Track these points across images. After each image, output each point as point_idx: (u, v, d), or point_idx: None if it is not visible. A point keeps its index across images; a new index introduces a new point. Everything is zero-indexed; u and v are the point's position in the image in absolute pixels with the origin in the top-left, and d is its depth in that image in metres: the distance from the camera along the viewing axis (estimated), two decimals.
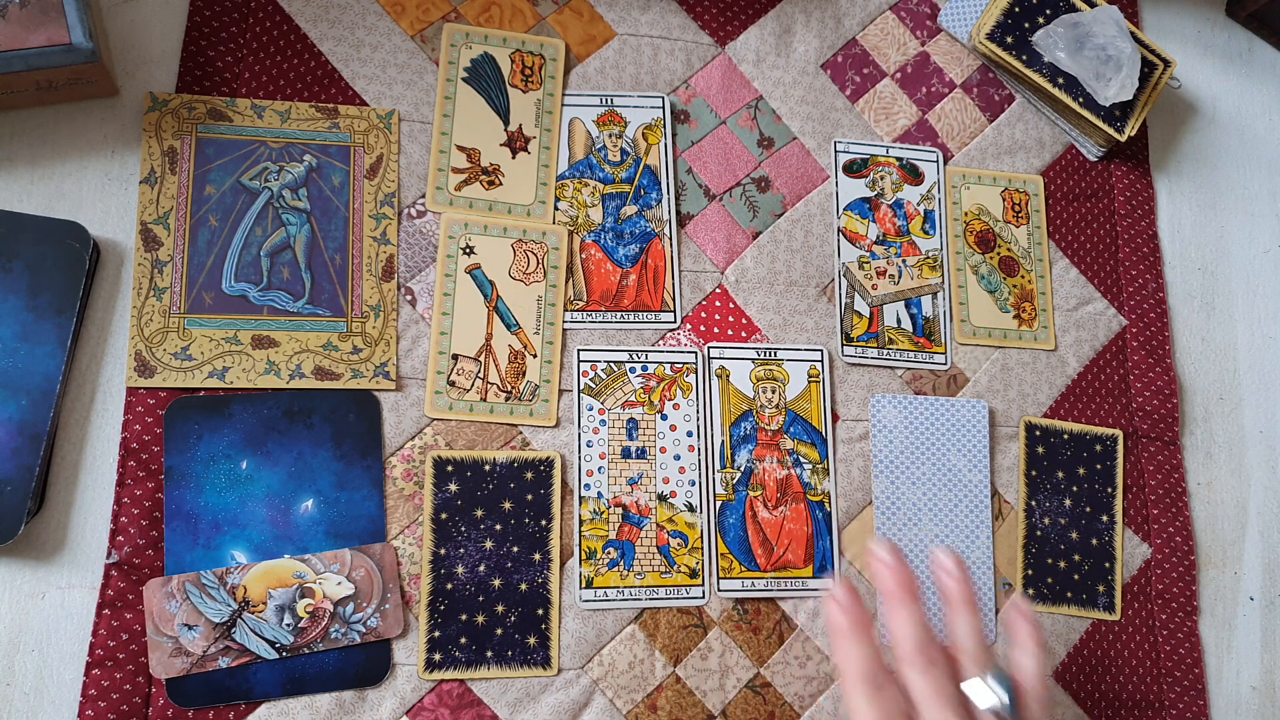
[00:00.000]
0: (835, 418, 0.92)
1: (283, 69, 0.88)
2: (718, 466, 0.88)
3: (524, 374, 0.87)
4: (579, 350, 0.89)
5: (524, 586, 0.83)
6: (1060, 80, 1.02)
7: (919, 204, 0.99)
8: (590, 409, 0.88)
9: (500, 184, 0.90)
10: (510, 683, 0.81)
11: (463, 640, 0.81)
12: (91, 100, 0.85)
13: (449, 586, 0.81)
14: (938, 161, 1.01)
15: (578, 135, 0.94)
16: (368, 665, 0.79)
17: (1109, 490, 0.96)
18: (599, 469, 0.86)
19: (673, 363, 0.90)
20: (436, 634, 0.80)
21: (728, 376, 0.91)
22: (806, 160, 0.98)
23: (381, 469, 0.83)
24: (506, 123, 0.92)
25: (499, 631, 0.81)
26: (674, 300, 0.92)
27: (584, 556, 0.84)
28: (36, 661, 0.75)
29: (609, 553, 0.85)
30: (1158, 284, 1.04)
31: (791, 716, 0.85)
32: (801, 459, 0.90)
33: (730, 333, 0.92)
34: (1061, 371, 0.98)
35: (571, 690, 0.82)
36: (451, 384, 0.85)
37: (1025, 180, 1.03)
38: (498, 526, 0.83)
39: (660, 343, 0.91)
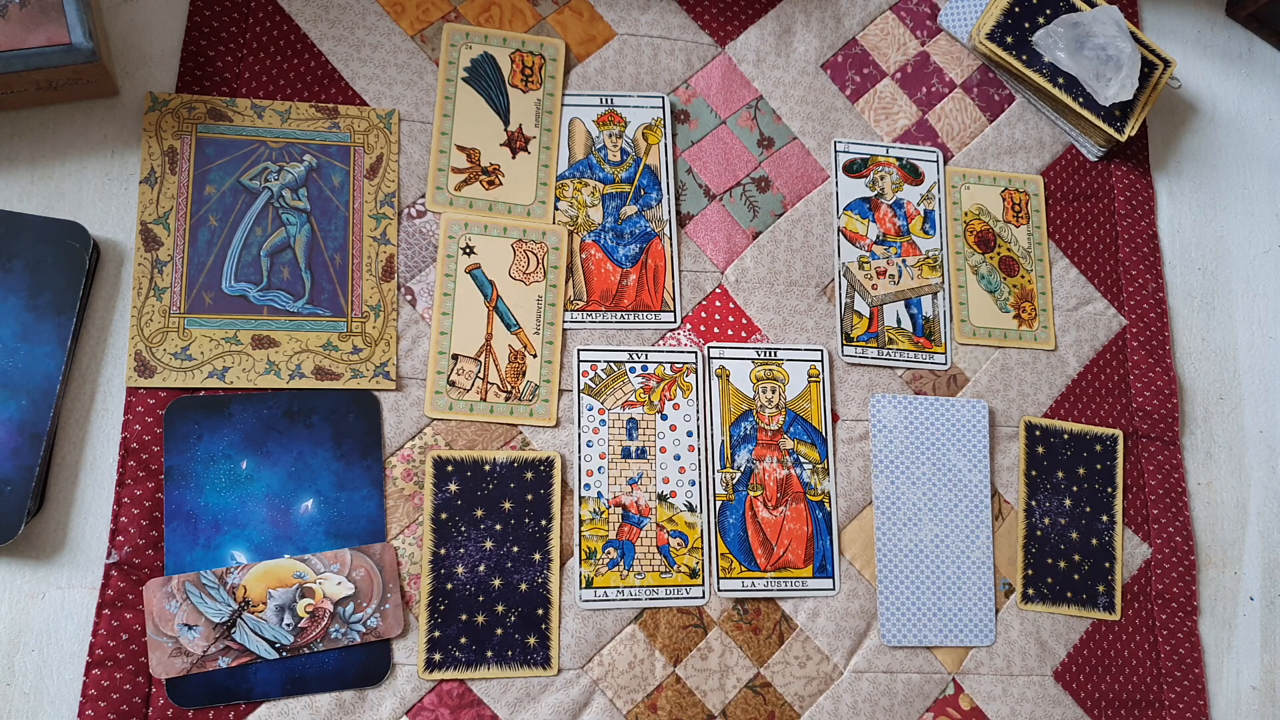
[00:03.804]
0: (835, 418, 0.92)
1: (283, 69, 0.88)
2: (718, 466, 0.88)
3: (524, 374, 0.87)
4: (579, 350, 0.89)
5: (524, 586, 0.83)
6: (1060, 80, 1.02)
7: (919, 204, 0.99)
8: (590, 409, 0.87)
9: (500, 184, 0.90)
10: (510, 683, 0.81)
11: (463, 640, 0.81)
12: (91, 100, 0.85)
13: (449, 586, 0.81)
14: (938, 161, 1.01)
15: (578, 135, 0.94)
16: (368, 665, 0.79)
17: (1109, 490, 0.96)
18: (599, 469, 0.86)
19: (673, 363, 0.90)
20: (436, 634, 0.80)
21: (728, 376, 0.91)
22: (806, 160, 0.98)
23: (381, 469, 0.83)
24: (506, 123, 0.92)
25: (499, 631, 0.81)
26: (674, 300, 0.92)
27: (584, 556, 0.84)
28: (36, 661, 0.75)
29: (609, 553, 0.85)
30: (1158, 284, 1.04)
31: (791, 716, 0.85)
32: (801, 459, 0.90)
33: (730, 333, 0.92)
34: (1061, 371, 0.98)
35: (571, 690, 0.82)
36: (451, 384, 0.85)
37: (1025, 180, 1.03)
38: (498, 526, 0.83)
39: (660, 343, 0.91)
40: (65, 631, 0.76)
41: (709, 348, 0.91)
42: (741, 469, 0.89)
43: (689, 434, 0.89)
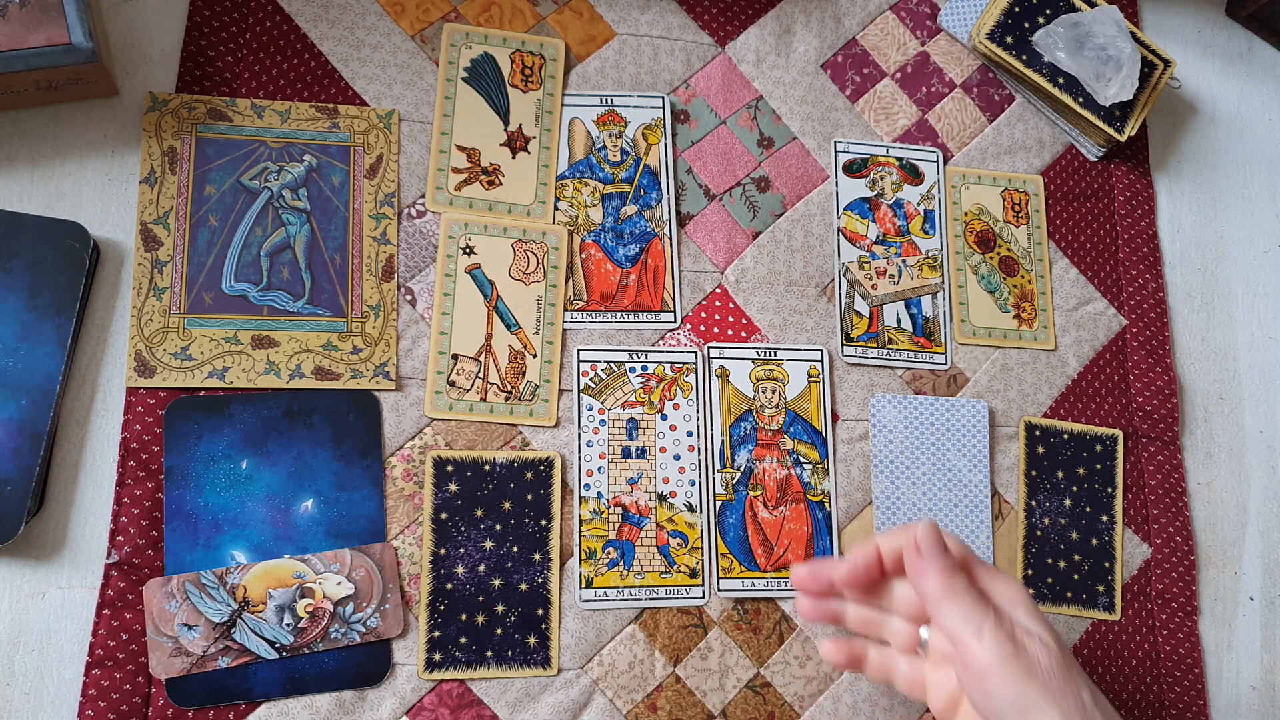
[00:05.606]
0: (835, 418, 0.92)
1: (283, 69, 0.88)
2: (718, 466, 0.88)
3: (524, 374, 0.87)
4: (579, 350, 0.89)
5: (524, 586, 0.83)
6: (1060, 80, 1.02)
7: (919, 204, 0.99)
8: (590, 409, 0.87)
9: (500, 184, 0.90)
10: (510, 683, 0.81)
11: (463, 640, 0.81)
12: (91, 100, 0.85)
13: (449, 586, 0.81)
14: (938, 161, 1.01)
15: (578, 135, 0.94)
16: (368, 665, 0.79)
17: (1109, 490, 0.96)
18: (599, 469, 0.86)
19: (673, 363, 0.90)
20: (436, 634, 0.80)
21: (728, 376, 0.91)
22: (806, 160, 0.98)
23: (381, 469, 0.83)
24: (506, 123, 0.92)
25: (499, 631, 0.81)
26: (674, 300, 0.92)
27: (584, 556, 0.84)
28: (36, 661, 0.75)
29: (609, 553, 0.85)
30: (1158, 284, 1.04)
31: (791, 716, 0.85)
32: (801, 459, 0.90)
33: (730, 333, 0.92)
34: (1061, 371, 0.98)
35: (571, 690, 0.82)
36: (451, 384, 0.85)
37: (1025, 180, 1.03)
38: (498, 526, 0.83)
39: (660, 343, 0.91)
40: (65, 631, 0.76)
41: (709, 348, 0.91)
42: (741, 469, 0.89)
43: (689, 434, 0.89)
